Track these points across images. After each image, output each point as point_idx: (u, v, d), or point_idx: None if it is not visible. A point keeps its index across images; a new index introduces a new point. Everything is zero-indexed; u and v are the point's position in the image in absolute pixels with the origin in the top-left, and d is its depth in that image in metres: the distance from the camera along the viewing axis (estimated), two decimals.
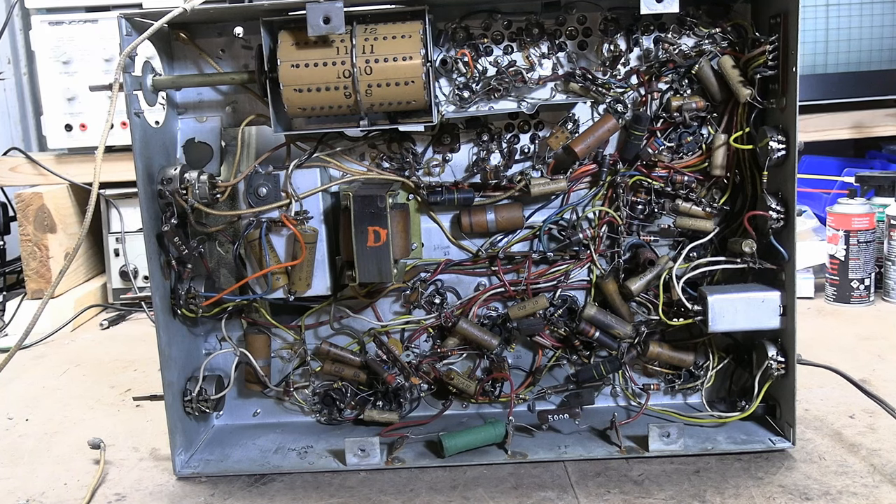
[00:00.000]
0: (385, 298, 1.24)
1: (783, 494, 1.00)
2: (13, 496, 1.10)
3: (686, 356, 1.20)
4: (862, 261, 1.71)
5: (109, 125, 1.07)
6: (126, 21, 1.06)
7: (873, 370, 1.38)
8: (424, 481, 1.09)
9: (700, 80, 1.15)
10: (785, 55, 1.05)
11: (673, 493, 1.02)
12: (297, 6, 1.02)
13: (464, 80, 1.16)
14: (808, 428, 1.17)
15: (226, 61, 1.20)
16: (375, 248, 1.07)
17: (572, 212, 1.20)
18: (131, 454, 1.21)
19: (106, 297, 2.10)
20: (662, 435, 1.10)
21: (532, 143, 1.20)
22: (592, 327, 1.18)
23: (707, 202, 1.17)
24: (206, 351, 1.24)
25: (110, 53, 1.98)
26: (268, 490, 1.09)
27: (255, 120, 1.18)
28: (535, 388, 1.24)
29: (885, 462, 1.06)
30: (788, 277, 1.09)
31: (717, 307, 1.10)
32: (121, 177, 1.88)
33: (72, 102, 2.01)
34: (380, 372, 1.19)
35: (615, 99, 1.16)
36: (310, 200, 1.13)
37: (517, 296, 1.21)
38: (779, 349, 1.11)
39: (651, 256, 1.18)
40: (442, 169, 1.21)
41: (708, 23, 1.14)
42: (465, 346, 1.23)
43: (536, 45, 1.17)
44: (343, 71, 1.03)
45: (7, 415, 1.40)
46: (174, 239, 1.12)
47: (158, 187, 1.11)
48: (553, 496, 1.03)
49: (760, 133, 1.09)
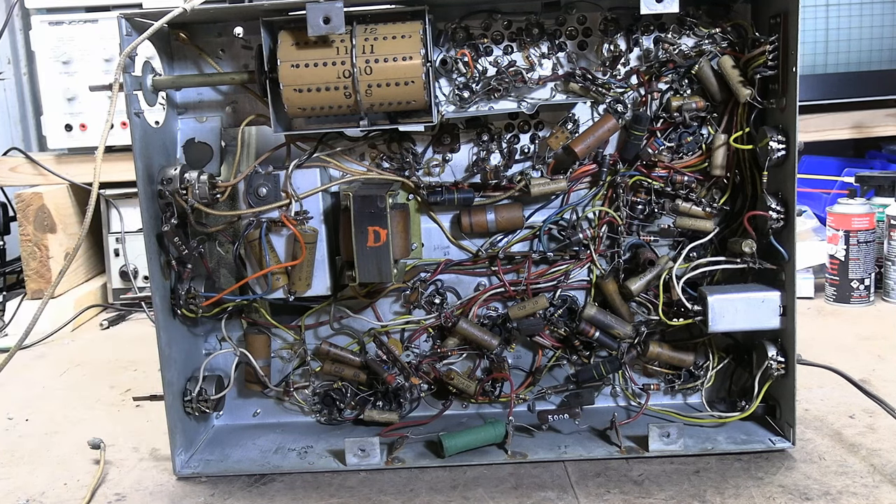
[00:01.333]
0: (385, 298, 1.24)
1: (783, 494, 1.00)
2: (13, 496, 1.10)
3: (686, 356, 1.20)
4: (862, 261, 1.71)
5: (109, 125, 1.07)
6: (126, 21, 1.06)
7: (873, 370, 1.38)
8: (424, 481, 1.09)
9: (700, 80, 1.15)
10: (785, 55, 1.05)
11: (673, 493, 1.02)
12: (297, 6, 1.02)
13: (464, 80, 1.16)
14: (808, 428, 1.17)
15: (226, 61, 1.20)
16: (375, 248, 1.07)
17: (572, 212, 1.20)
18: (131, 454, 1.21)
19: (106, 297, 2.10)
20: (662, 435, 1.10)
21: (532, 143, 1.20)
22: (592, 327, 1.18)
23: (707, 202, 1.17)
24: (206, 351, 1.24)
25: (110, 53, 1.98)
26: (268, 490, 1.09)
27: (255, 120, 1.18)
28: (535, 388, 1.24)
29: (885, 462, 1.06)
30: (788, 277, 1.09)
31: (717, 307, 1.10)
32: (121, 177, 1.88)
33: (72, 102, 2.01)
34: (380, 372, 1.19)
35: (615, 99, 1.16)
36: (310, 200, 1.13)
37: (517, 296, 1.21)
38: (779, 349, 1.11)
39: (651, 256, 1.18)
40: (442, 169, 1.21)
41: (708, 23, 1.14)
42: (465, 346, 1.23)
43: (536, 45, 1.17)
44: (343, 71, 1.03)
45: (7, 415, 1.40)
46: (174, 239, 1.12)
47: (158, 187, 1.11)
48: (553, 496, 1.03)
49: (760, 133, 1.09)
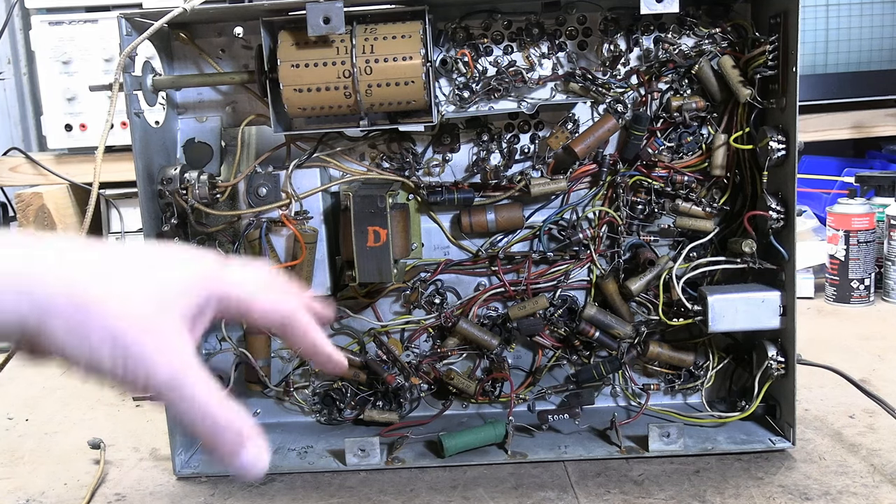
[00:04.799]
0: (385, 298, 1.24)
1: (783, 494, 1.00)
2: (13, 496, 1.10)
3: (686, 356, 1.20)
4: (862, 261, 1.71)
5: (109, 125, 1.07)
6: (126, 21, 1.06)
7: (873, 370, 1.38)
8: (424, 481, 1.09)
9: (700, 80, 1.15)
10: (785, 55, 1.05)
11: (673, 493, 1.02)
12: (297, 6, 1.02)
13: (464, 80, 1.16)
14: (808, 428, 1.17)
15: (226, 61, 1.20)
16: (375, 248, 1.07)
17: (572, 212, 1.20)
18: (131, 454, 1.21)
19: None
20: (662, 435, 1.10)
21: (532, 143, 1.20)
22: (592, 327, 1.18)
23: (707, 202, 1.17)
24: (206, 351, 1.24)
25: (110, 53, 1.98)
26: (268, 490, 1.09)
27: (255, 120, 1.18)
28: (535, 388, 1.24)
29: (885, 462, 1.06)
30: (788, 277, 1.09)
31: (717, 307, 1.10)
32: (121, 177, 1.88)
33: (72, 102, 2.01)
34: (380, 372, 1.19)
35: (615, 99, 1.16)
36: (310, 200, 1.13)
37: (517, 296, 1.21)
38: (779, 349, 1.11)
39: (651, 256, 1.18)
40: (442, 169, 1.21)
41: (708, 23, 1.14)
42: (465, 346, 1.23)
43: (536, 45, 1.17)
44: (343, 71, 1.03)
45: (7, 415, 1.40)
46: (174, 239, 1.12)
47: (158, 187, 1.11)
48: (553, 496, 1.03)
49: (760, 133, 1.09)
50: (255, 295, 0.57)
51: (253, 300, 0.57)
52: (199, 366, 0.52)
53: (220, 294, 0.56)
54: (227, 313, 0.57)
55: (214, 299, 0.55)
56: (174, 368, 0.51)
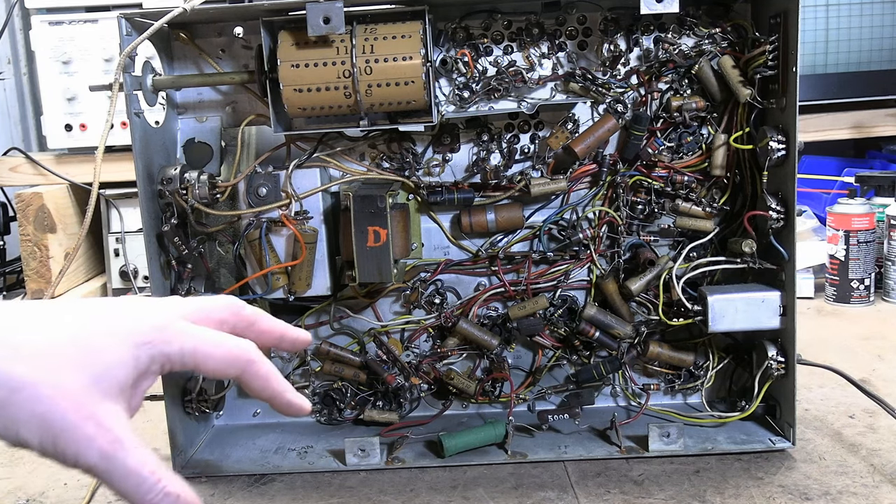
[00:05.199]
0: (385, 298, 1.24)
1: (783, 494, 1.00)
2: (13, 496, 1.10)
3: (686, 356, 1.20)
4: (862, 261, 1.71)
5: (109, 125, 1.07)
6: (126, 21, 1.06)
7: (873, 370, 1.38)
8: (424, 481, 1.09)
9: (700, 80, 1.15)
10: (785, 55, 1.05)
11: (673, 493, 1.02)
12: (297, 6, 1.02)
13: (464, 80, 1.16)
14: (808, 428, 1.17)
15: (226, 61, 1.20)
16: (375, 248, 1.07)
17: (572, 212, 1.20)
18: None
19: (106, 296, 2.10)
20: (662, 435, 1.10)
21: (532, 143, 1.20)
22: (592, 327, 1.18)
23: (707, 202, 1.17)
24: None
25: (110, 53, 1.98)
26: (268, 490, 1.09)
27: (255, 120, 1.18)
28: (535, 388, 1.24)
29: (885, 462, 1.06)
30: (788, 277, 1.09)
31: (717, 307, 1.10)
32: (121, 177, 1.88)
33: (72, 102, 2.01)
34: (380, 372, 1.19)
35: (615, 99, 1.16)
36: (310, 200, 1.13)
37: (517, 296, 1.21)
38: (779, 349, 1.11)
39: (651, 256, 1.18)
40: (442, 169, 1.20)
41: (708, 23, 1.14)
42: (465, 346, 1.23)
43: (536, 45, 1.17)
44: (343, 71, 1.03)
45: None
46: (174, 239, 1.12)
47: (158, 187, 1.11)
48: (553, 496, 1.03)
49: (760, 133, 1.09)
50: (205, 351, 0.56)
51: (203, 358, 0.56)
52: (133, 439, 0.52)
53: (163, 356, 0.55)
54: (176, 370, 0.56)
55: (157, 363, 0.55)
56: (103, 449, 0.50)
